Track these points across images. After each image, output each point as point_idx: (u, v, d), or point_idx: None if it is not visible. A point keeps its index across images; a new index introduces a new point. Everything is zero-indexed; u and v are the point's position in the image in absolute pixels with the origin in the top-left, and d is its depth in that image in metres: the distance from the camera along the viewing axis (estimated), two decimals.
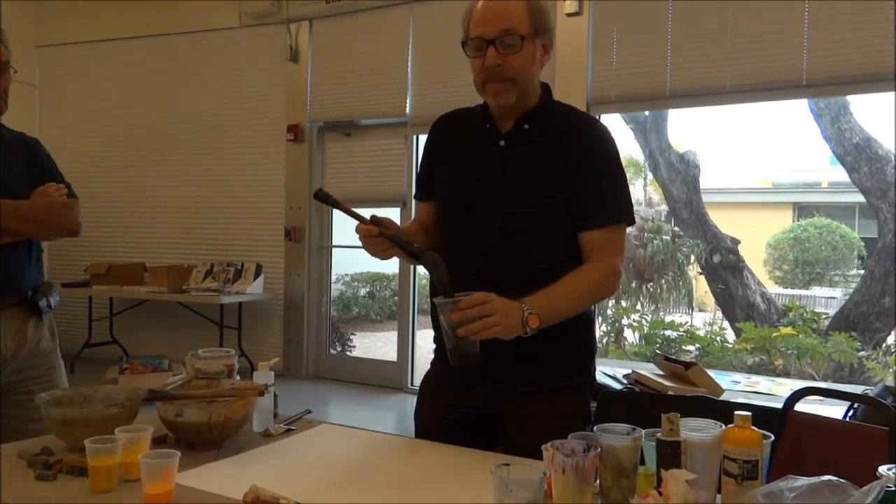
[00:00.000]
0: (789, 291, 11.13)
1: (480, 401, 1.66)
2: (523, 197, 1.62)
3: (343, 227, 6.04)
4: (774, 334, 7.13)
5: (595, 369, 1.79)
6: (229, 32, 6.33)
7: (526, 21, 1.58)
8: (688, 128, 19.35)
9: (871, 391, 2.90)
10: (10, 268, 2.05)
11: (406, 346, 5.85)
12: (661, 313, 9.44)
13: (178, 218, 6.64)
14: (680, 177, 8.74)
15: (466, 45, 1.62)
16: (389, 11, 5.71)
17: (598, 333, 7.25)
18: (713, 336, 8.04)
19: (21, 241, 2.06)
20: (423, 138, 1.86)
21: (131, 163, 6.77)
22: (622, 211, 1.65)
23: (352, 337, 7.92)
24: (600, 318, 7.99)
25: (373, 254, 1.62)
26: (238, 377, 1.76)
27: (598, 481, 1.22)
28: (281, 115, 6.18)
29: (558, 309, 1.54)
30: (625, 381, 2.95)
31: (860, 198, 8.42)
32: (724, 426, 1.22)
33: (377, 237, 1.57)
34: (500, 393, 1.65)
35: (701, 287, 10.51)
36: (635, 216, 1.84)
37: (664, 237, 9.41)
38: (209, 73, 6.48)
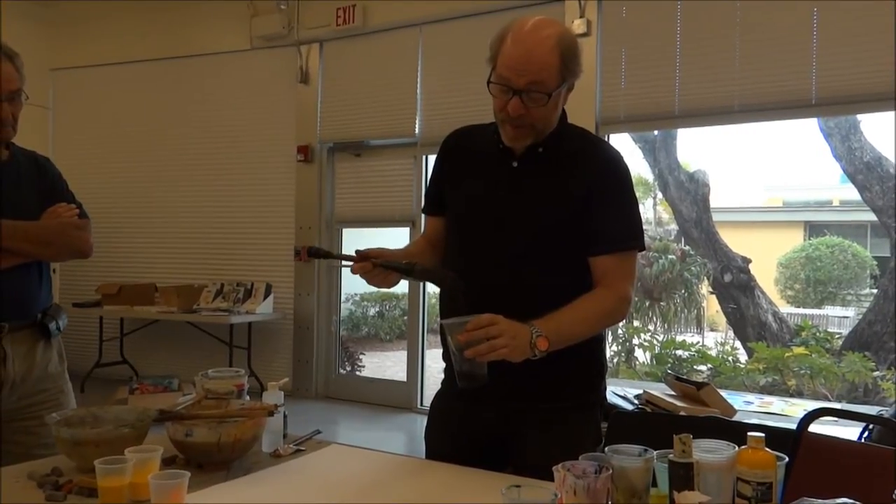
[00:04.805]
0: (801, 311, 11.06)
1: (490, 420, 1.66)
2: (535, 218, 1.62)
3: (353, 248, 6.05)
4: (787, 354, 7.06)
5: (605, 388, 1.77)
6: (240, 55, 6.40)
7: (556, 76, 1.54)
8: (697, 147, 19.39)
9: (886, 412, 2.87)
10: (19, 290, 2.00)
11: (416, 365, 5.83)
12: (673, 333, 9.38)
13: (188, 238, 6.68)
14: (690, 196, 8.73)
15: (492, 77, 1.58)
16: (399, 33, 5.76)
17: (608, 353, 7.20)
18: (725, 356, 7.97)
19: (31, 263, 2.01)
20: (432, 158, 1.85)
21: (142, 184, 6.83)
22: (634, 237, 1.65)
23: (361, 357, 7.90)
24: (611, 338, 7.94)
25: (378, 286, 1.64)
26: (248, 397, 1.76)
27: (609, 503, 1.21)
28: (291, 135, 6.22)
29: (568, 333, 1.54)
30: (636, 402, 2.92)
31: (872, 216, 8.37)
32: (737, 447, 1.21)
33: (372, 270, 1.59)
34: (510, 412, 1.64)
35: (712, 306, 10.46)
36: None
37: (670, 256, 9.38)
38: (220, 94, 6.54)
